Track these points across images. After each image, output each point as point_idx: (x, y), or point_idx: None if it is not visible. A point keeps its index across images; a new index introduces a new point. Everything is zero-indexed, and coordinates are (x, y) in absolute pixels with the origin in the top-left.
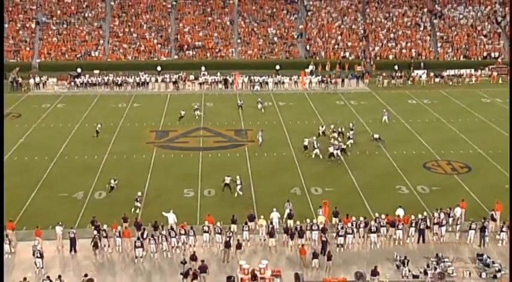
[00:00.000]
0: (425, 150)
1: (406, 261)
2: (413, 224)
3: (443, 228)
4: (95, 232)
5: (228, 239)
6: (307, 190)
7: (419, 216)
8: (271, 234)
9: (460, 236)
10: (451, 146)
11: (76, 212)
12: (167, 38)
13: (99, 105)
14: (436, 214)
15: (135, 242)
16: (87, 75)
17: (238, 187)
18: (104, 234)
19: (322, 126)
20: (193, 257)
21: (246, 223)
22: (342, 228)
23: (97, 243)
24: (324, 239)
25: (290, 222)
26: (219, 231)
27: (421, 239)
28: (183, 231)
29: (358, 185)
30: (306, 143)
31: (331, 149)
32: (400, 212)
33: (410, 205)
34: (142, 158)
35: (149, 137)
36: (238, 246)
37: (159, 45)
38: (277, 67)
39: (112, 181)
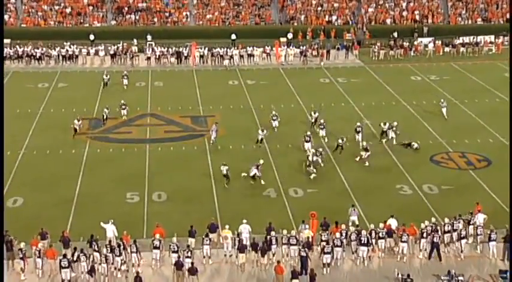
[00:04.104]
0: (433, 139)
1: (409, 280)
2: (424, 235)
3: (463, 241)
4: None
5: (179, 257)
6: (284, 192)
7: (427, 223)
8: (241, 248)
9: (480, 249)
10: (466, 134)
11: None
12: None
13: (12, 86)
14: (446, 220)
15: (60, 260)
16: None
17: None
18: (20, 255)
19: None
20: (138, 279)
21: (206, 235)
22: (328, 242)
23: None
24: (302, 254)
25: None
26: (175, 250)
27: (434, 254)
28: (128, 249)
29: (348, 184)
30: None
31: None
32: (391, 222)
33: (414, 209)
34: (71, 153)
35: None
36: (191, 271)
37: (91, 7)
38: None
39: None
